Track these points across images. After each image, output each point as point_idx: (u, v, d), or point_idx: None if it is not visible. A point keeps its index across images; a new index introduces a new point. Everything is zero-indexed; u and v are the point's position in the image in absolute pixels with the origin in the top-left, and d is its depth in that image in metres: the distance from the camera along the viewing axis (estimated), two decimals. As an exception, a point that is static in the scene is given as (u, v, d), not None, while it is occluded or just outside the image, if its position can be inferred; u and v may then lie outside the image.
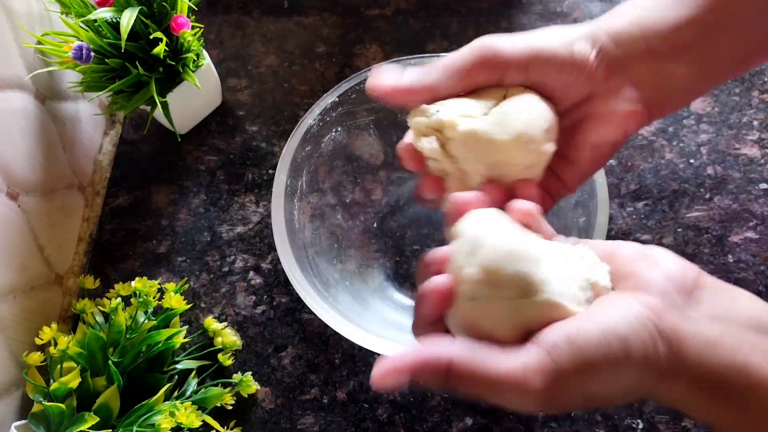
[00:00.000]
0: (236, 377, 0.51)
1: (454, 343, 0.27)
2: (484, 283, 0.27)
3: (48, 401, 0.46)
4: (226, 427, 0.49)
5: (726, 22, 0.34)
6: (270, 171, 0.61)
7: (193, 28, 0.54)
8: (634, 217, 0.55)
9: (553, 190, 0.37)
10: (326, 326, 0.42)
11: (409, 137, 0.34)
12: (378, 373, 0.26)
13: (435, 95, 0.33)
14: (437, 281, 0.28)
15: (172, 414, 0.45)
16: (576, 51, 0.33)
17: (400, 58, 0.48)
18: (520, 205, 0.31)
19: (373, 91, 0.33)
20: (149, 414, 0.46)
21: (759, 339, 0.26)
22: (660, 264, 0.28)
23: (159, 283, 0.52)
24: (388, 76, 0.33)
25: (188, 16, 0.54)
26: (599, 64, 0.34)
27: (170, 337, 0.49)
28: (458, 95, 0.33)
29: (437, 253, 0.30)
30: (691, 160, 0.57)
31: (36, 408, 0.47)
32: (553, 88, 0.34)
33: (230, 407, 0.49)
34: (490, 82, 0.33)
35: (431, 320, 0.29)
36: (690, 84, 0.35)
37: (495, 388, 0.25)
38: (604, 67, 0.34)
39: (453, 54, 0.33)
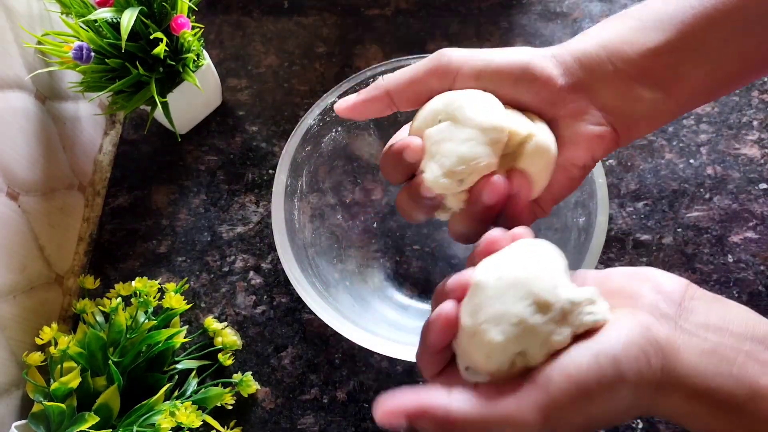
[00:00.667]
0: (236, 377, 0.51)
1: (451, 394, 0.27)
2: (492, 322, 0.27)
3: (48, 401, 0.46)
4: (226, 427, 0.49)
5: (696, 50, 0.33)
6: (270, 171, 0.61)
7: (193, 28, 0.54)
8: (634, 217, 0.55)
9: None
10: (326, 326, 0.42)
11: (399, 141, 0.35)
12: (380, 412, 0.27)
13: (392, 99, 0.35)
14: (446, 308, 0.28)
15: (172, 414, 0.45)
16: (536, 66, 0.33)
17: (400, 58, 0.49)
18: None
19: (341, 113, 0.35)
20: (149, 414, 0.46)
21: (754, 349, 0.26)
22: (649, 279, 0.28)
23: (159, 283, 0.52)
24: (348, 98, 0.36)
25: (188, 16, 0.54)
26: (564, 84, 0.33)
27: (170, 337, 0.49)
28: (414, 100, 0.35)
29: (456, 281, 0.30)
30: (691, 160, 0.57)
31: (36, 408, 0.47)
32: (514, 104, 0.34)
33: (230, 407, 0.49)
34: (442, 87, 0.34)
35: (438, 349, 0.29)
36: (658, 108, 0.34)
37: (492, 430, 0.26)
38: (568, 88, 0.33)
39: (412, 65, 0.35)
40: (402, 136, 0.34)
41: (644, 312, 0.27)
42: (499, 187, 0.31)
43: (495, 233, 0.30)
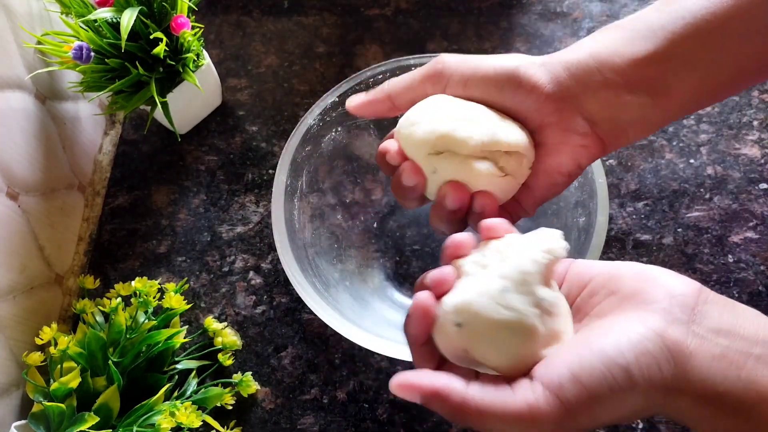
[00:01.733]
0: (236, 377, 0.51)
1: (469, 383, 0.28)
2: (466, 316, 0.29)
3: (48, 401, 0.46)
4: (226, 427, 0.49)
5: (685, 60, 0.34)
6: (270, 171, 0.61)
7: (193, 28, 0.54)
8: (634, 217, 0.55)
9: (513, 211, 0.39)
10: (326, 326, 0.42)
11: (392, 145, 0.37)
12: (396, 383, 0.28)
13: (393, 102, 0.37)
14: (421, 298, 0.30)
15: (172, 414, 0.45)
16: (523, 73, 0.34)
17: (400, 58, 0.48)
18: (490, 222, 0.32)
19: (350, 109, 0.39)
20: (149, 414, 0.46)
21: (764, 353, 0.26)
22: (661, 282, 0.28)
23: (159, 283, 0.52)
24: (357, 96, 0.39)
25: (188, 16, 0.54)
26: (550, 92, 0.34)
27: (170, 337, 0.49)
28: (412, 103, 0.37)
29: (436, 277, 0.31)
30: (691, 160, 0.57)
31: (36, 408, 0.47)
32: (500, 110, 0.36)
33: (230, 407, 0.49)
34: (435, 92, 0.37)
35: (420, 340, 0.31)
36: (646, 116, 0.35)
37: (504, 425, 0.26)
38: (555, 95, 0.34)
39: (412, 71, 0.37)
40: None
41: (657, 317, 0.27)
42: (459, 197, 0.34)
43: (457, 238, 0.32)
